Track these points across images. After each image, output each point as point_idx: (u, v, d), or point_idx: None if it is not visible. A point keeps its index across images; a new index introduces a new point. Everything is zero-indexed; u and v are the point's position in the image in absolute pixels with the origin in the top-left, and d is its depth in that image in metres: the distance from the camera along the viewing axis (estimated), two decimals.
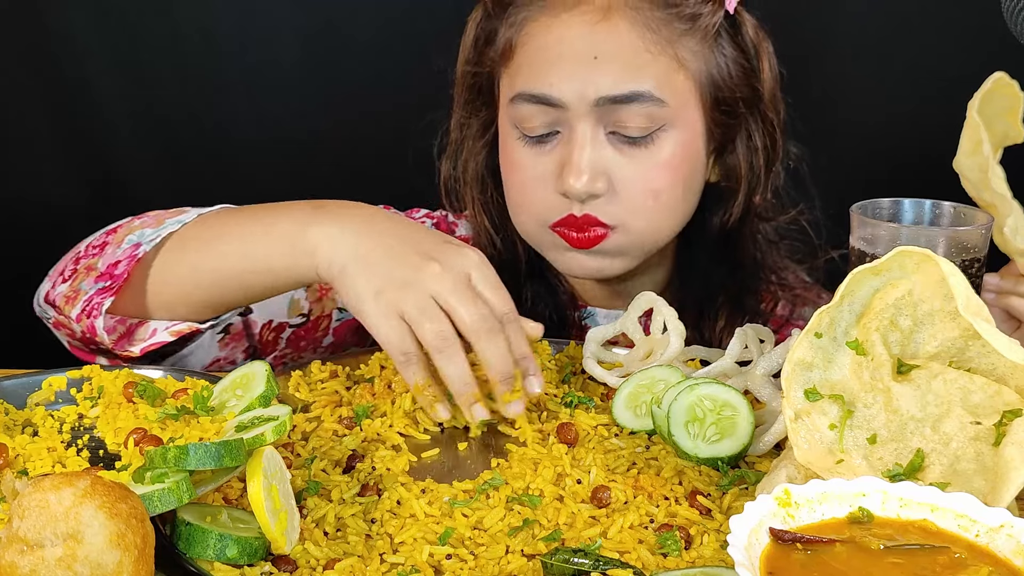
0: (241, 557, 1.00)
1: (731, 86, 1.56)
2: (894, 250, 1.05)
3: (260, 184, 2.28)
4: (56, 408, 1.29)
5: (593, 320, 1.72)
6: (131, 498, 0.90)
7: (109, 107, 2.23)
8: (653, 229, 1.56)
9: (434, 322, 1.22)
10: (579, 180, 1.48)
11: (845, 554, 0.90)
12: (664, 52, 1.50)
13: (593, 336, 1.43)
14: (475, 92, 1.64)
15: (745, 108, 1.58)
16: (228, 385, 1.23)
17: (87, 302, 1.40)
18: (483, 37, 1.61)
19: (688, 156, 1.54)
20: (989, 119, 1.34)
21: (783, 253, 1.71)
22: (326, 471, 1.19)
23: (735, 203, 1.61)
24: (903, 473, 1.03)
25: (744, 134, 1.60)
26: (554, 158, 1.52)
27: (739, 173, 1.60)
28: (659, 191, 1.52)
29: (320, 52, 2.24)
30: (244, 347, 1.61)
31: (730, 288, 1.66)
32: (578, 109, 1.49)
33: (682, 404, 1.20)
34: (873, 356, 1.07)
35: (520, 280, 1.68)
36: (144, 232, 1.44)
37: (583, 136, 1.49)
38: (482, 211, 1.68)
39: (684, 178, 1.54)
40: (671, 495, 1.14)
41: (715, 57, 1.54)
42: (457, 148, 1.69)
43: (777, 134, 1.61)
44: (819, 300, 1.71)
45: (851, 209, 1.27)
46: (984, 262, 1.26)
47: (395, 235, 1.29)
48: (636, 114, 1.48)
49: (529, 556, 1.05)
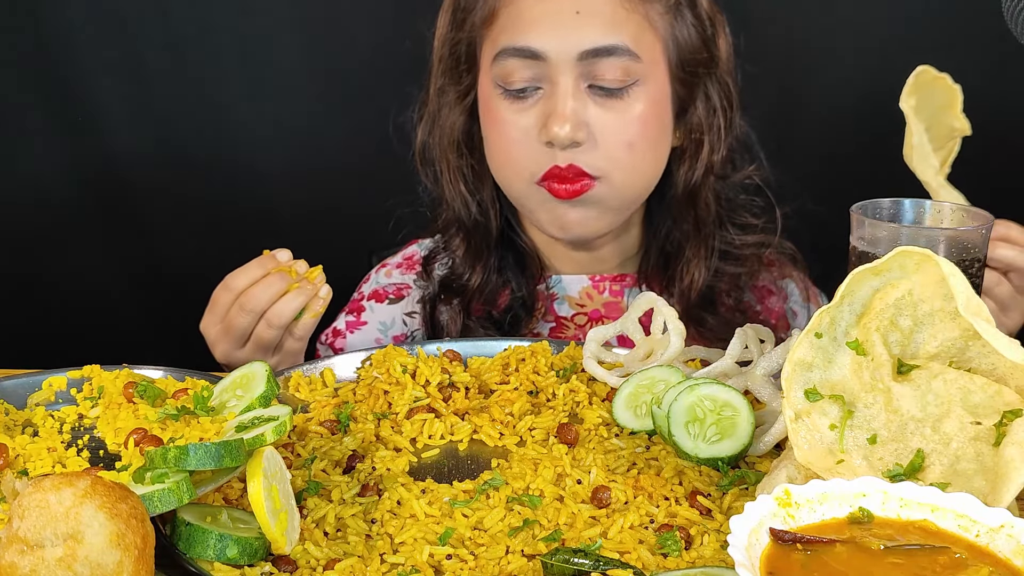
0: (241, 557, 1.00)
1: (692, 49, 1.67)
2: (894, 250, 1.05)
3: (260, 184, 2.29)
4: (56, 408, 1.29)
5: (560, 287, 1.79)
6: (131, 498, 0.90)
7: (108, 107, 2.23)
8: (631, 181, 1.66)
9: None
10: (562, 128, 1.57)
11: (845, 554, 0.90)
12: (636, 11, 1.62)
13: (593, 336, 1.43)
14: (455, 60, 1.72)
15: (704, 70, 1.69)
16: (228, 385, 1.23)
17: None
18: (462, 7, 1.69)
19: (657, 113, 1.66)
20: (931, 115, 1.43)
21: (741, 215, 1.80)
22: (326, 471, 1.19)
23: (699, 159, 1.72)
24: (903, 473, 1.03)
25: (703, 96, 1.71)
26: (536, 112, 1.62)
27: (701, 130, 1.72)
28: (633, 143, 1.62)
29: (320, 52, 2.25)
30: None
31: (693, 241, 1.75)
32: (561, 62, 1.59)
33: (682, 404, 1.20)
34: (873, 356, 1.07)
35: (491, 245, 1.77)
36: None
37: (565, 88, 1.59)
38: (458, 176, 1.76)
39: (655, 132, 1.66)
40: (671, 495, 1.14)
41: (678, 23, 1.67)
42: (434, 116, 1.76)
43: (733, 97, 1.74)
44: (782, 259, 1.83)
45: (851, 209, 1.27)
46: (984, 262, 1.26)
47: None
48: (614, 66, 1.59)
49: (529, 556, 1.05)
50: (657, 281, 1.76)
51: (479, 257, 1.76)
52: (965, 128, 1.45)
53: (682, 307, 1.70)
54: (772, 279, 1.83)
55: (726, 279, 1.76)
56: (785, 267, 1.84)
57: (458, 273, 1.77)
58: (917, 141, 1.40)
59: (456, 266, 1.78)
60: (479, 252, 1.76)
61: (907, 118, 1.40)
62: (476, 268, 1.76)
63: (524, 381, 1.39)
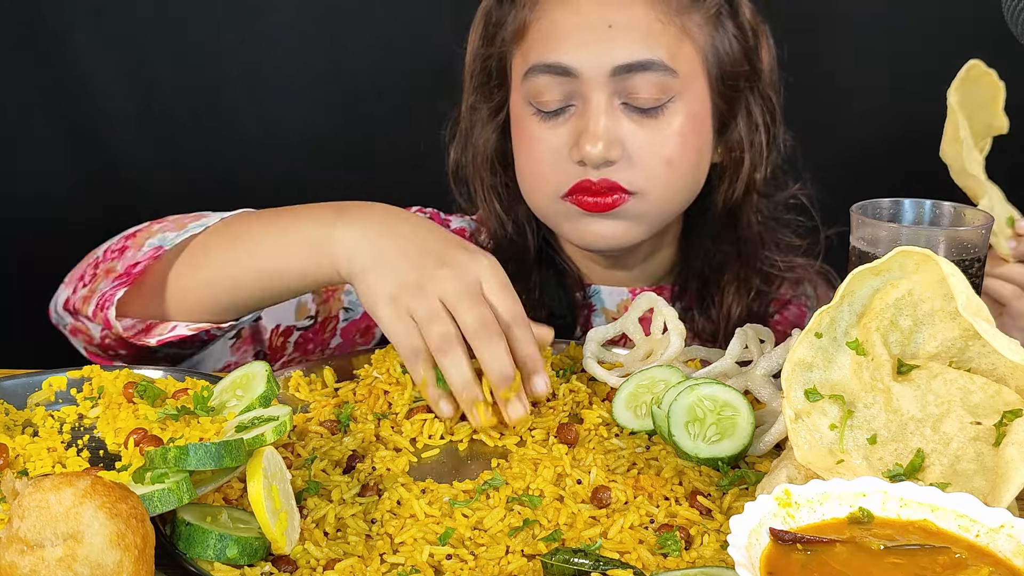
0: (241, 557, 1.00)
1: (733, 61, 1.61)
2: (894, 250, 1.05)
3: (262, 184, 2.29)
4: (56, 408, 1.29)
5: (598, 298, 1.74)
6: (131, 498, 0.90)
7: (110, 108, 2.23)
8: (668, 198, 1.59)
9: (439, 325, 1.24)
10: (595, 146, 1.51)
11: (845, 554, 0.90)
12: (672, 23, 1.55)
13: (593, 336, 1.43)
14: (486, 76, 1.67)
15: (746, 84, 1.63)
16: (228, 385, 1.23)
17: (101, 296, 1.41)
18: (492, 22, 1.64)
19: (697, 128, 1.58)
20: (971, 110, 1.39)
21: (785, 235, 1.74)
22: (326, 471, 1.19)
23: (739, 177, 1.66)
24: (903, 473, 1.03)
25: (744, 111, 1.64)
26: (568, 130, 1.56)
27: (742, 147, 1.65)
28: (671, 159, 1.56)
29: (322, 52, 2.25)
30: (254, 352, 1.62)
31: (733, 264, 1.69)
32: (593, 78, 1.52)
33: (682, 404, 1.20)
34: (873, 356, 1.07)
35: (528, 265, 1.71)
36: (166, 236, 1.46)
37: (598, 105, 1.53)
38: (492, 195, 1.71)
39: (694, 149, 1.59)
40: (671, 495, 1.14)
41: (718, 33, 1.59)
42: (467, 134, 1.71)
43: (776, 112, 1.67)
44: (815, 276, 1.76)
45: (851, 209, 1.27)
46: (984, 262, 1.26)
47: (413, 238, 1.31)
48: (649, 83, 1.52)
49: (529, 556, 1.05)
50: (694, 302, 1.70)
51: (517, 278, 1.65)
52: (1003, 126, 1.43)
53: (721, 332, 1.65)
54: (795, 292, 1.78)
55: (758, 300, 1.70)
56: (819, 287, 1.77)
57: None
58: (964, 135, 1.38)
59: None
60: (517, 272, 1.66)
61: (952, 112, 1.37)
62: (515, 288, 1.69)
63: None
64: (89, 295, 1.44)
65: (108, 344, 1.45)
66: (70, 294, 1.48)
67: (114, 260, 1.46)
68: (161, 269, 1.43)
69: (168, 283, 1.43)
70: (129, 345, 1.45)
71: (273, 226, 1.40)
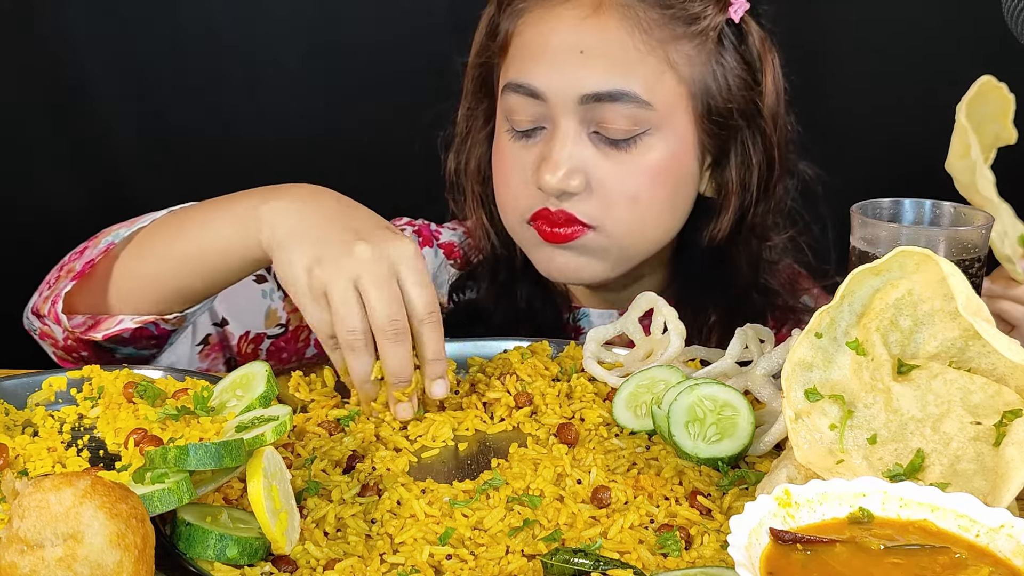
0: (241, 557, 1.00)
1: (727, 96, 1.52)
2: (894, 250, 1.05)
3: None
4: (56, 408, 1.29)
5: (587, 321, 1.70)
6: (131, 498, 0.90)
7: (110, 108, 2.23)
8: (634, 235, 1.53)
9: (350, 320, 1.23)
10: (554, 175, 1.47)
11: (845, 554, 0.90)
12: (653, 53, 1.47)
13: (593, 336, 1.42)
14: (479, 83, 1.64)
15: (742, 120, 1.54)
16: (228, 385, 1.23)
17: (54, 294, 1.42)
18: (487, 29, 1.61)
19: (673, 166, 1.51)
20: (979, 122, 1.36)
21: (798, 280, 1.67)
22: (326, 471, 1.19)
23: (724, 218, 1.58)
24: (903, 473, 1.03)
25: (739, 148, 1.55)
26: (535, 152, 1.52)
27: (729, 189, 1.56)
28: (637, 195, 1.50)
29: (323, 52, 2.25)
30: (224, 359, 1.61)
31: (721, 307, 1.61)
32: (561, 104, 1.48)
33: (682, 404, 1.20)
34: (873, 356, 1.07)
35: (515, 279, 1.68)
36: (119, 232, 1.46)
37: (564, 132, 1.48)
38: (479, 205, 1.68)
39: (667, 185, 1.51)
40: (671, 495, 1.14)
41: (713, 65, 1.51)
42: (462, 140, 1.69)
43: (775, 152, 1.57)
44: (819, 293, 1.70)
45: (851, 209, 1.27)
46: (984, 262, 1.26)
47: (334, 213, 1.30)
48: (620, 115, 1.46)
49: (529, 556, 1.05)
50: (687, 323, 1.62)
51: (504, 291, 1.66)
52: (1011, 138, 1.40)
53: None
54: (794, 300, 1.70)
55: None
56: (821, 298, 1.69)
57: (482, 307, 1.67)
58: (975, 155, 1.34)
59: (481, 299, 1.68)
60: (504, 285, 1.66)
61: (962, 129, 1.33)
62: (501, 302, 1.66)
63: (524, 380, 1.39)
64: (49, 295, 1.44)
65: (71, 346, 1.44)
66: (36, 298, 1.48)
67: (75, 260, 1.47)
68: (109, 264, 1.44)
69: (114, 276, 1.43)
70: (90, 345, 1.44)
71: (209, 211, 1.41)
